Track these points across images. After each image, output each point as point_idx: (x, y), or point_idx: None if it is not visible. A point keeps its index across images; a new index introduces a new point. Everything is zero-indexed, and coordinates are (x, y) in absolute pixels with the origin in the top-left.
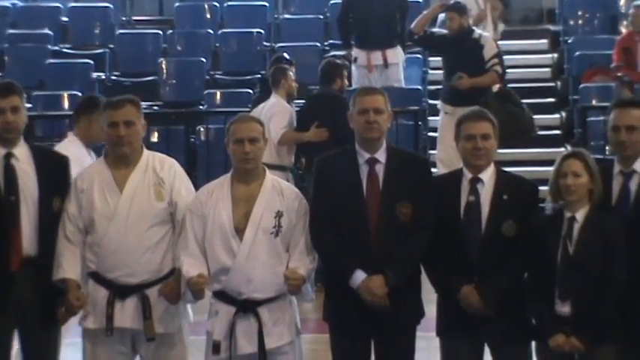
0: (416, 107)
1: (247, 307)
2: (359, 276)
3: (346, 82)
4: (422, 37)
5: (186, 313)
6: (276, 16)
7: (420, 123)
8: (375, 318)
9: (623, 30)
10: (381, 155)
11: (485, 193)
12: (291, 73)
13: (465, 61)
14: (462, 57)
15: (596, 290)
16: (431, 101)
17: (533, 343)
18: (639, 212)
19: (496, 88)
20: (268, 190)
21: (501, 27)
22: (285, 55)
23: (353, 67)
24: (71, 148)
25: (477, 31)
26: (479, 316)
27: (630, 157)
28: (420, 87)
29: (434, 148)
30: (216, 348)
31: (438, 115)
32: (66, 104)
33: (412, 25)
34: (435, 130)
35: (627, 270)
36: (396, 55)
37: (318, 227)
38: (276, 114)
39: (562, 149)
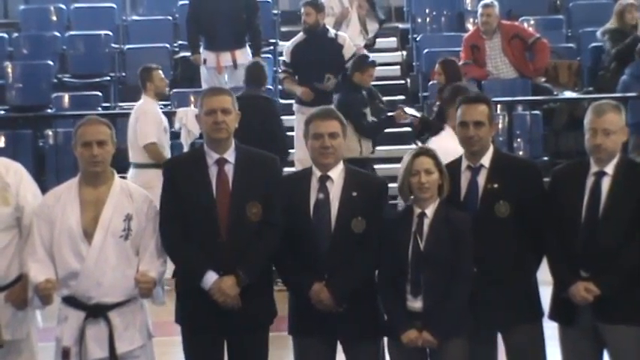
0: None
1: (97, 311)
2: (210, 277)
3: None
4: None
5: (35, 319)
6: (124, 17)
7: None
8: (227, 318)
9: (470, 27)
10: (230, 155)
11: (335, 190)
12: (158, 72)
13: (327, 62)
14: (324, 58)
15: (447, 285)
16: (282, 101)
17: (386, 339)
18: (487, 206)
19: None
20: (117, 193)
21: (374, 26)
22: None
23: (203, 69)
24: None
25: (332, 30)
26: (330, 313)
27: (478, 152)
28: (271, 87)
29: (290, 148)
30: (65, 354)
31: (290, 115)
32: None
33: None
34: (289, 129)
35: (475, 263)
36: (245, 55)
37: (168, 229)
38: (140, 117)
39: (413, 146)
